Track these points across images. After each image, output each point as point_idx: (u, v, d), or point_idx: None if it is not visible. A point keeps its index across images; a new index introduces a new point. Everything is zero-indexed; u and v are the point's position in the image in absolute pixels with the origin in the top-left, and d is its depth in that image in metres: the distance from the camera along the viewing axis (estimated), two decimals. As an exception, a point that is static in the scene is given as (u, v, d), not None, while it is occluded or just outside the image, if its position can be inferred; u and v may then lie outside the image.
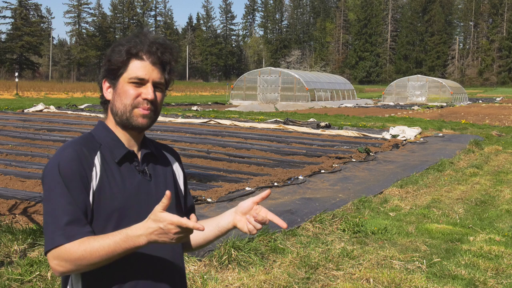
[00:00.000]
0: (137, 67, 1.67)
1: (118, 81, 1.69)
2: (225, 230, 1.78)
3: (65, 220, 1.54)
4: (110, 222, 1.62)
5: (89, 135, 1.73)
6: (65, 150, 1.64)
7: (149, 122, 1.70)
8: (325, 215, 6.33)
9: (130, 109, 1.67)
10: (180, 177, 1.88)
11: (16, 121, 18.17)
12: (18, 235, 4.94)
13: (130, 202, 1.65)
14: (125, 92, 1.67)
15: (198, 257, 4.82)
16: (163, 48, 1.70)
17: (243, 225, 1.71)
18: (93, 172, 1.62)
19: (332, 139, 15.22)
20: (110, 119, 1.74)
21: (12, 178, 8.16)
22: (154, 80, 1.68)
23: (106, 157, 1.67)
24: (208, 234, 1.81)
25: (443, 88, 44.35)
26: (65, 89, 54.39)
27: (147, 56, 1.68)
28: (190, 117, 21.50)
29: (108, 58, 1.71)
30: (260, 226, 1.69)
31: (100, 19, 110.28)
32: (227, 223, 1.76)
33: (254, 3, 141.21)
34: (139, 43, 1.68)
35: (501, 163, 11.74)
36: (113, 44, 1.73)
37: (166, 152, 1.88)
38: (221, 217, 1.79)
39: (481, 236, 6.03)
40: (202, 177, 8.86)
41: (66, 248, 1.52)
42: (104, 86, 1.73)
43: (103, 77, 1.73)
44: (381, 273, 4.68)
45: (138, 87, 1.67)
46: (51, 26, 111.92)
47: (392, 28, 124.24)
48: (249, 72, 42.11)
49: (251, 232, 1.69)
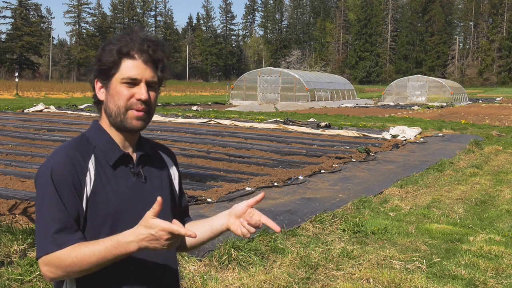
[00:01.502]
0: (129, 66, 1.63)
1: (111, 81, 1.65)
2: (218, 232, 1.77)
3: (55, 228, 1.53)
4: (105, 226, 1.61)
5: (83, 137, 1.70)
6: (58, 154, 1.61)
7: (143, 124, 1.67)
8: (325, 215, 6.33)
9: (123, 110, 1.64)
10: (176, 178, 1.86)
11: (16, 121, 18.17)
12: (18, 235, 4.94)
13: (124, 206, 1.64)
14: (118, 93, 1.64)
15: (198, 257, 4.82)
16: (155, 46, 1.66)
17: (236, 228, 1.69)
18: (87, 177, 1.60)
19: (332, 139, 15.22)
20: (104, 119, 1.71)
21: (12, 178, 8.16)
22: (147, 80, 1.64)
23: (100, 160, 1.64)
24: (201, 236, 1.79)
25: (443, 88, 44.35)
26: (65, 89, 54.39)
27: (138, 55, 1.64)
28: (190, 117, 21.50)
29: (98, 57, 1.67)
30: (253, 230, 1.67)
31: (100, 19, 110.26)
32: (221, 226, 1.74)
33: (254, 3, 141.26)
34: (129, 42, 1.64)
35: (501, 163, 11.73)
36: (103, 43, 1.69)
37: (162, 152, 1.85)
38: (215, 218, 1.77)
39: (481, 236, 6.03)
40: (202, 177, 8.85)
41: (57, 255, 1.51)
42: (96, 86, 1.70)
43: (95, 77, 1.70)
44: (381, 273, 4.68)
45: (131, 87, 1.64)
46: (51, 26, 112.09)
47: (392, 28, 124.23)
48: (249, 72, 42.11)
49: (244, 236, 1.67)
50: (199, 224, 1.82)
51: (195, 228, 1.81)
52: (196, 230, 1.73)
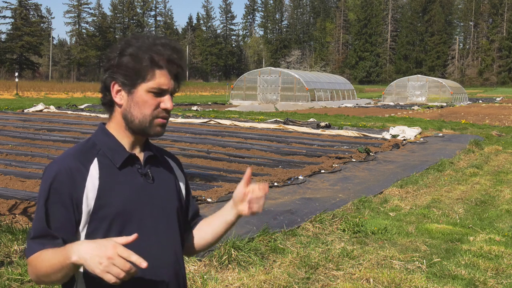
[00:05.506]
0: (159, 77, 1.63)
1: (136, 88, 1.64)
2: (232, 223, 1.81)
3: (31, 236, 1.59)
4: (113, 228, 1.62)
5: (89, 141, 1.71)
6: (62, 162, 1.64)
7: (164, 130, 1.71)
8: (325, 215, 6.33)
9: (150, 119, 1.65)
10: (182, 182, 1.87)
11: (16, 121, 18.16)
12: (18, 235, 4.94)
13: (132, 206, 1.65)
14: (145, 102, 1.64)
15: (198, 257, 4.81)
16: (179, 56, 1.67)
17: (246, 210, 1.72)
18: (88, 182, 1.61)
19: (332, 139, 15.22)
20: (115, 121, 1.70)
21: (12, 178, 8.16)
22: (171, 89, 1.66)
23: (105, 163, 1.65)
24: (217, 230, 1.83)
25: (443, 88, 44.35)
26: (65, 89, 54.38)
27: (167, 66, 1.64)
28: (190, 117, 21.50)
29: (120, 61, 1.63)
30: (262, 201, 1.72)
31: (100, 19, 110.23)
32: (233, 215, 1.77)
33: (254, 3, 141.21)
34: (160, 50, 1.63)
35: (501, 163, 11.73)
36: (122, 45, 1.65)
37: (167, 157, 1.87)
38: (224, 212, 1.81)
39: (481, 236, 6.03)
40: (202, 177, 8.85)
41: (35, 257, 1.56)
42: (113, 88, 1.66)
43: (113, 79, 1.65)
44: (381, 273, 4.68)
45: (157, 97, 1.65)
46: (51, 26, 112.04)
47: (392, 28, 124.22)
48: (249, 72, 42.09)
49: (258, 211, 1.72)
50: (212, 219, 1.85)
51: (209, 224, 1.86)
52: (212, 226, 1.83)
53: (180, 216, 1.79)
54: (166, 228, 1.72)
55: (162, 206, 1.72)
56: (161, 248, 1.68)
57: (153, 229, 1.68)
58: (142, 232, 1.63)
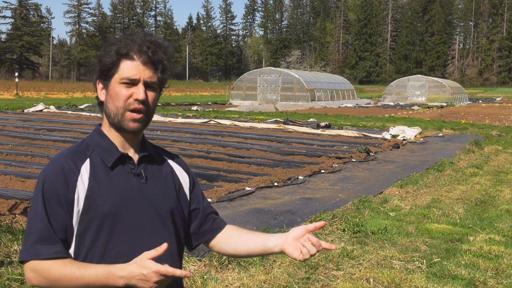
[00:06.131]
0: (127, 67, 1.64)
1: (110, 82, 1.67)
2: (270, 252, 1.77)
3: (33, 238, 1.57)
4: (104, 228, 1.61)
5: (83, 142, 1.72)
6: (54, 163, 1.65)
7: (141, 125, 1.67)
8: (325, 215, 6.33)
9: (122, 111, 1.65)
10: (186, 184, 1.84)
11: (16, 121, 18.16)
12: (18, 235, 4.94)
13: (123, 207, 1.64)
14: (116, 93, 1.65)
15: (198, 257, 4.82)
16: (155, 47, 1.67)
17: (293, 250, 1.68)
18: (79, 182, 1.61)
19: (332, 139, 15.22)
20: (104, 121, 1.73)
21: (12, 178, 8.16)
22: (145, 80, 1.65)
23: (97, 163, 1.65)
24: (252, 250, 1.80)
25: (443, 88, 44.35)
26: (65, 89, 54.38)
27: (137, 56, 1.65)
28: (190, 117, 21.50)
29: (99, 58, 1.69)
30: (315, 251, 1.66)
31: (100, 19, 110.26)
32: (274, 246, 1.74)
33: (254, 3, 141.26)
34: (129, 43, 1.65)
35: (501, 163, 11.74)
36: (104, 44, 1.71)
37: (168, 158, 1.85)
38: (269, 237, 1.78)
39: (481, 236, 6.03)
40: (202, 177, 8.85)
41: (47, 267, 1.54)
42: (98, 87, 1.72)
43: (97, 78, 1.72)
44: (381, 273, 4.68)
45: (130, 88, 1.65)
46: (51, 26, 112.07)
47: (392, 28, 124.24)
48: (249, 72, 42.09)
49: (304, 257, 1.67)
50: (253, 236, 1.82)
51: (244, 238, 1.82)
52: (246, 242, 1.78)
53: (177, 216, 1.76)
54: (160, 228, 1.70)
55: (156, 207, 1.70)
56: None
57: (146, 229, 1.66)
58: (134, 232, 1.63)
